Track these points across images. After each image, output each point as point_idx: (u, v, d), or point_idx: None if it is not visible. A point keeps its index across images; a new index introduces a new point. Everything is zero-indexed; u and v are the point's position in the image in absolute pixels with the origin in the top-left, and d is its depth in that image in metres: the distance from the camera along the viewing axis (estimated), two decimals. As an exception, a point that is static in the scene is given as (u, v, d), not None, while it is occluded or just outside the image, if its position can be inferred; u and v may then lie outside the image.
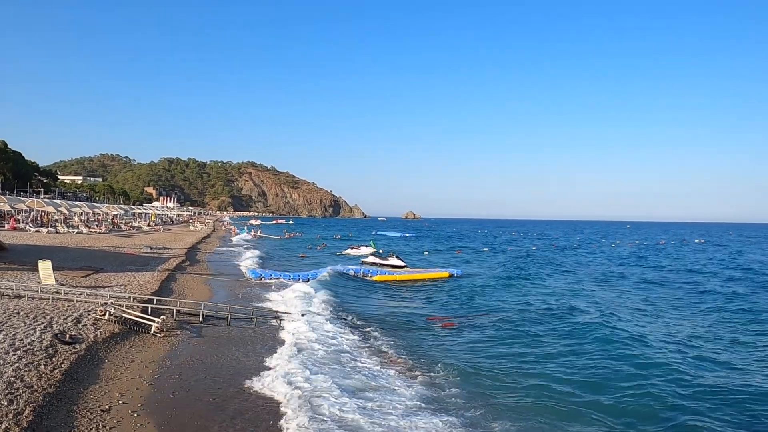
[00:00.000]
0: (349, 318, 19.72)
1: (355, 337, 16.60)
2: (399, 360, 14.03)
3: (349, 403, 10.41)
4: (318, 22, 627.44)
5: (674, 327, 19.20)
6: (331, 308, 21.43)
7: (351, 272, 33.75)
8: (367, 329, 17.83)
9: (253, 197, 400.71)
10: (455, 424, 9.69)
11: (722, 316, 21.99)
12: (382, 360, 14.01)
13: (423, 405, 10.61)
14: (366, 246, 53.36)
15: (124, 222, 77.96)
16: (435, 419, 9.79)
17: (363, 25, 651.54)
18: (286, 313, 19.11)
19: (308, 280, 30.72)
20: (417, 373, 12.83)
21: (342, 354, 14.33)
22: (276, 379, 11.72)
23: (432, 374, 12.77)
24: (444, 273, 35.68)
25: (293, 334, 16.29)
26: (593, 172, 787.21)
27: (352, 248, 53.68)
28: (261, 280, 29.84)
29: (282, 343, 15.32)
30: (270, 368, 12.65)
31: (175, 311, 17.18)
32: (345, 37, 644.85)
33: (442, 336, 17.56)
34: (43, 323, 13.54)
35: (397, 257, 38.25)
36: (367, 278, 32.74)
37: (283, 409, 10.07)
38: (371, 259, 37.42)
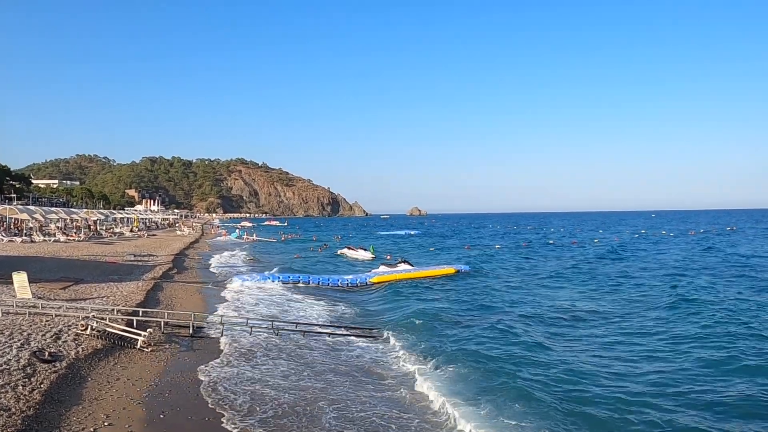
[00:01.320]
0: (345, 319, 19.80)
1: (359, 343, 16.67)
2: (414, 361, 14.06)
3: (356, 412, 10.47)
4: (310, 6, 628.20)
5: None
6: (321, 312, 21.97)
7: (310, 282, 31.68)
8: (372, 336, 17.87)
9: (244, 197, 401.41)
10: None
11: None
12: (394, 368, 14.06)
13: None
14: (365, 250, 53.30)
15: (104, 228, 78.03)
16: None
17: (360, 9, 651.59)
18: (282, 321, 19.15)
19: (308, 283, 31.19)
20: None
21: (342, 353, 14.37)
22: (273, 394, 11.73)
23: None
24: (449, 269, 35.92)
25: (288, 342, 16.35)
26: (613, 160, 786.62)
27: (350, 248, 53.67)
28: (250, 284, 30.26)
29: (279, 353, 15.38)
30: (267, 382, 12.68)
31: (162, 323, 17.18)
32: (341, 21, 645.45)
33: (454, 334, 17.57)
34: (19, 340, 13.55)
35: (405, 262, 38.55)
36: (351, 287, 31.45)
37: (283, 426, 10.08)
38: (382, 269, 37.49)
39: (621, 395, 11.82)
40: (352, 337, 17.96)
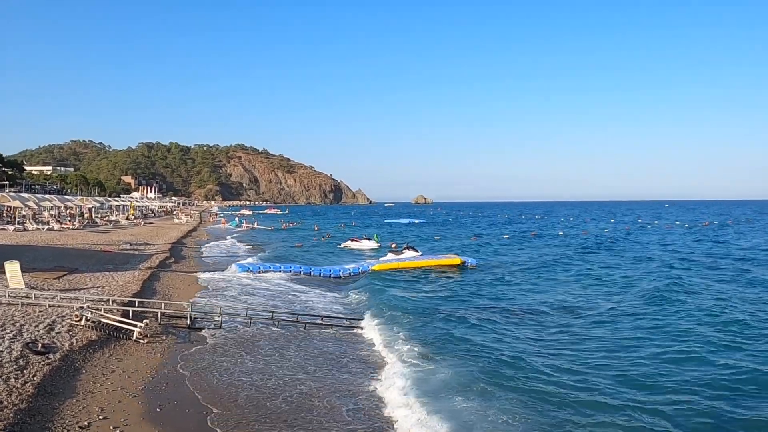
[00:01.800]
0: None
1: (358, 333, 16.69)
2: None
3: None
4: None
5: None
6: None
7: (312, 273, 31.66)
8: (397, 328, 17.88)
9: (244, 184, 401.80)
10: None
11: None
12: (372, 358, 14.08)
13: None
14: (369, 239, 53.31)
15: (99, 216, 78.22)
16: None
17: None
18: (282, 312, 19.17)
19: (310, 274, 31.23)
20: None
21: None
22: (274, 386, 11.77)
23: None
24: (455, 259, 35.31)
25: (288, 334, 16.37)
26: (624, 148, 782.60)
27: (354, 240, 53.69)
28: (249, 273, 30.61)
29: (280, 344, 15.42)
30: (268, 374, 12.72)
31: (159, 314, 17.23)
32: (345, 4, 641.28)
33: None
34: (12, 331, 13.59)
35: (411, 248, 38.68)
36: (354, 276, 31.48)
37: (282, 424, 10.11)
38: (390, 256, 37.55)
39: (587, 388, 11.99)
40: (356, 329, 18.00)
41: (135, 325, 15.09)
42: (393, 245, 42.78)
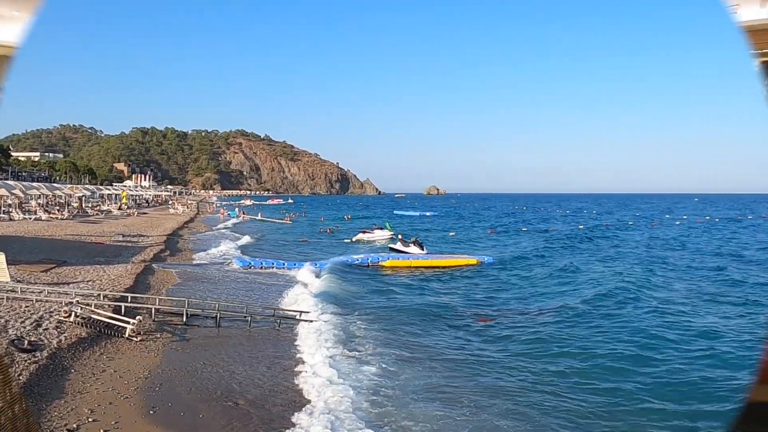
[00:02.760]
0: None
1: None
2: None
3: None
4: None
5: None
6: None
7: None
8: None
9: (245, 172, 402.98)
10: None
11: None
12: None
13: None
14: (381, 228, 53.23)
15: (90, 205, 78.72)
16: None
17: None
18: (284, 309, 19.19)
19: (302, 268, 31.36)
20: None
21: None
22: (275, 388, 11.76)
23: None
24: (471, 260, 35.23)
25: (290, 333, 16.37)
26: (647, 138, 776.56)
27: (365, 232, 53.73)
28: (250, 269, 30.68)
29: (282, 344, 15.42)
30: (269, 376, 12.73)
31: (153, 310, 17.29)
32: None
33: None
34: (-4, 327, 13.66)
35: (417, 243, 38.51)
36: (362, 266, 32.01)
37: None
38: (399, 246, 37.55)
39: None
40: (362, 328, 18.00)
41: (127, 322, 15.12)
42: (399, 237, 42.99)
